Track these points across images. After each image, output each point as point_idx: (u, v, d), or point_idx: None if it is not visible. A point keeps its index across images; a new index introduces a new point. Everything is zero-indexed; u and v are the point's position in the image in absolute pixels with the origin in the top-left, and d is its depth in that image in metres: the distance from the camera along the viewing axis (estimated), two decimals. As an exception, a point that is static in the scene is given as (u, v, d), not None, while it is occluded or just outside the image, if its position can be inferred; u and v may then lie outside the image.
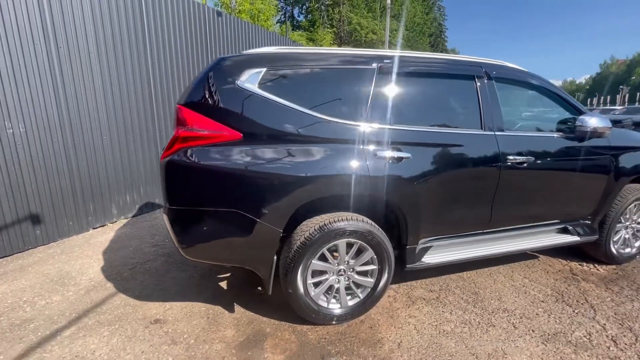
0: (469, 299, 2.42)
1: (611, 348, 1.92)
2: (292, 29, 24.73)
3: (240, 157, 1.72)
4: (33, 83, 3.17)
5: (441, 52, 60.90)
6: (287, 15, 28.67)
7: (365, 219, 2.03)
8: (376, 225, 2.05)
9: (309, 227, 1.93)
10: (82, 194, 3.70)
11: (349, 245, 2.02)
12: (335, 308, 2.09)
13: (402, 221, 2.10)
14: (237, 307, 2.32)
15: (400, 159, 1.97)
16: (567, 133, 2.46)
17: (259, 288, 2.57)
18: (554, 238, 2.68)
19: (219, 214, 1.74)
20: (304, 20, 26.15)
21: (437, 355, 1.86)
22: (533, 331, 2.06)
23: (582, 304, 2.36)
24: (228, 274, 2.81)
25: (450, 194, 2.16)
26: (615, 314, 2.24)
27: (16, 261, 3.07)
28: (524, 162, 2.28)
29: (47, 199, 3.38)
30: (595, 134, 2.41)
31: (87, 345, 1.95)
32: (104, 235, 3.69)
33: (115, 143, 3.97)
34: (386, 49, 17.98)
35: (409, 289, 2.57)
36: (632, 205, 2.78)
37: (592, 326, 2.11)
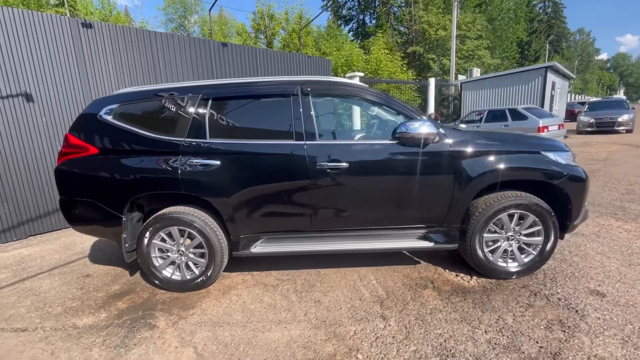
0: (299, 289, 2.73)
1: (364, 344, 2.04)
2: (360, 37, 25.23)
3: (93, 164, 2.59)
4: (74, 111, 4.78)
5: (557, 35, 51.54)
6: (359, 22, 29.34)
7: (194, 210, 2.64)
8: (202, 217, 2.63)
9: (153, 216, 2.67)
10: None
11: (182, 231, 2.66)
12: (177, 279, 2.75)
13: (221, 216, 2.62)
14: (137, 273, 3.19)
15: (208, 165, 2.52)
16: (392, 140, 2.51)
17: (164, 263, 3.40)
18: (407, 242, 2.69)
19: (84, 202, 2.65)
20: (371, 25, 26.32)
21: (219, 322, 2.34)
22: (317, 320, 2.31)
23: (396, 306, 2.40)
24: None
25: (261, 197, 2.57)
26: (415, 319, 2.24)
27: (57, 234, 4.67)
28: (337, 169, 2.50)
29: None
30: (414, 140, 2.42)
31: (41, 283, 3.12)
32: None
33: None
34: (453, 45, 16.81)
35: (264, 275, 3.01)
36: (505, 214, 2.55)
37: (376, 325, 2.21)
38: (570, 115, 20.44)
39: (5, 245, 4.32)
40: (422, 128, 2.39)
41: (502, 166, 2.47)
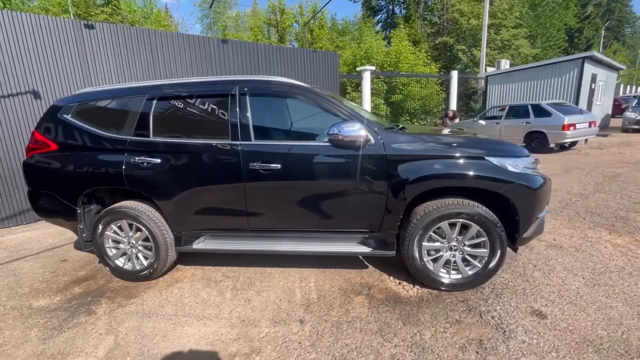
0: (238, 287, 2.77)
1: (281, 340, 2.05)
2: (389, 28, 24.38)
3: (53, 160, 2.81)
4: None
5: (617, 20, 46.23)
6: (388, 12, 28.34)
7: (142, 205, 2.77)
8: (148, 212, 2.75)
9: (104, 209, 2.85)
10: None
11: (130, 225, 2.81)
12: (128, 269, 2.91)
13: (162, 212, 2.73)
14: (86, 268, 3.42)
15: (148, 162, 2.63)
16: (325, 142, 2.43)
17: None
18: (345, 247, 2.62)
19: (46, 194, 2.87)
20: (400, 16, 25.24)
21: (150, 313, 2.45)
22: (237, 318, 2.34)
23: (319, 311, 2.36)
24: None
25: (197, 195, 2.63)
26: (332, 326, 2.20)
27: (62, 219, 5.11)
28: (270, 170, 2.49)
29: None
30: (345, 142, 2.33)
31: (24, 265, 3.46)
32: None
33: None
34: (484, 34, 15.77)
35: (214, 270, 3.09)
36: (446, 223, 2.39)
37: (290, 328, 2.19)
38: (621, 111, 18.38)
39: (16, 228, 4.83)
40: (353, 130, 2.30)
41: (435, 172, 2.31)
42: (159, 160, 2.63)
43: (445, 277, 2.50)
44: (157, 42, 5.88)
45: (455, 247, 2.47)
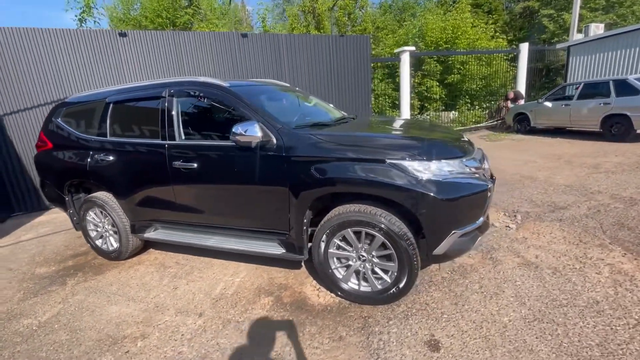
0: (178, 274, 3.01)
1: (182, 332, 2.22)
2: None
3: (49, 155, 3.41)
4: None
5: None
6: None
7: (109, 196, 3.20)
8: (111, 201, 3.16)
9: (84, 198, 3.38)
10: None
11: (102, 212, 3.28)
12: (105, 249, 3.41)
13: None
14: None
15: (105, 160, 3.00)
16: (230, 142, 2.40)
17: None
18: (264, 247, 2.60)
19: (46, 182, 3.53)
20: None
21: (99, 289, 2.87)
22: (154, 304, 2.57)
23: (223, 307, 2.42)
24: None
25: (139, 189, 2.91)
26: (222, 323, 2.25)
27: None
28: (188, 169, 2.60)
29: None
30: (243, 142, 2.28)
31: (53, 238, 4.33)
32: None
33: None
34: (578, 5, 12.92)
35: (172, 257, 3.39)
36: (349, 231, 2.17)
37: (187, 320, 2.33)
38: None
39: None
40: (250, 130, 2.24)
41: (328, 177, 2.10)
42: (111, 158, 2.98)
43: (349, 287, 2.31)
44: (183, 42, 6.43)
45: (364, 258, 2.24)
